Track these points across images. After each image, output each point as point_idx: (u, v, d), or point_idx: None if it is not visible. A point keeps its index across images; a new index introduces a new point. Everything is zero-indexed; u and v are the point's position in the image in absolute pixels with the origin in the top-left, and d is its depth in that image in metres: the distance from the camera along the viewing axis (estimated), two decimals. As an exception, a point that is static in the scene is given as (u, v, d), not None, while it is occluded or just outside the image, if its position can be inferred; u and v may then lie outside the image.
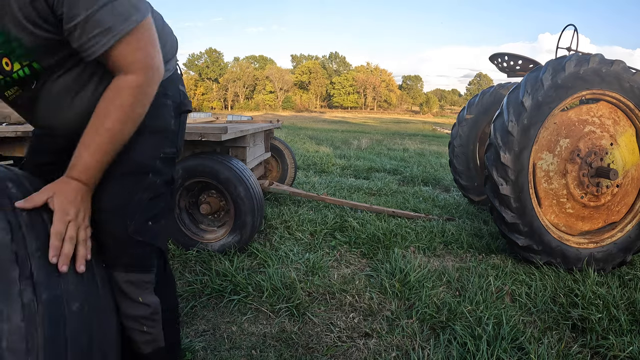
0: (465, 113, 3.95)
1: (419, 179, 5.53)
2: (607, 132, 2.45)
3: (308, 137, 13.12)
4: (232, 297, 1.98)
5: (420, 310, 1.89)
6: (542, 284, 2.21)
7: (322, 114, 60.22)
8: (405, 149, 10.34)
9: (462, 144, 3.90)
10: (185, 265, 2.34)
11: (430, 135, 18.68)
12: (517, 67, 3.50)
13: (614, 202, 2.52)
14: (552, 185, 2.44)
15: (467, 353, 1.58)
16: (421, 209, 3.74)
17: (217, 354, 1.59)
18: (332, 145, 10.25)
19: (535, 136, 2.32)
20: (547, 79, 2.29)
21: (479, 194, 3.91)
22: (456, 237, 2.93)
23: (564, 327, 1.85)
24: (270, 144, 4.08)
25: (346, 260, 2.53)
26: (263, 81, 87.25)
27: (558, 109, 2.35)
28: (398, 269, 2.26)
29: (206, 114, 11.66)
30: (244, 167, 2.51)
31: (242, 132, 2.71)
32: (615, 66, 2.35)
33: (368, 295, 2.05)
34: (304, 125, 24.34)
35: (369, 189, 4.69)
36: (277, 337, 1.71)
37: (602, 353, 1.66)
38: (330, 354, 1.62)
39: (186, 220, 2.56)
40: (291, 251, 2.55)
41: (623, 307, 1.94)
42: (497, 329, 1.71)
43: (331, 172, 6.00)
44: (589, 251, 2.43)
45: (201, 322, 1.82)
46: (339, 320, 1.84)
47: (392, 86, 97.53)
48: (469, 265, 2.47)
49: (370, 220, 3.18)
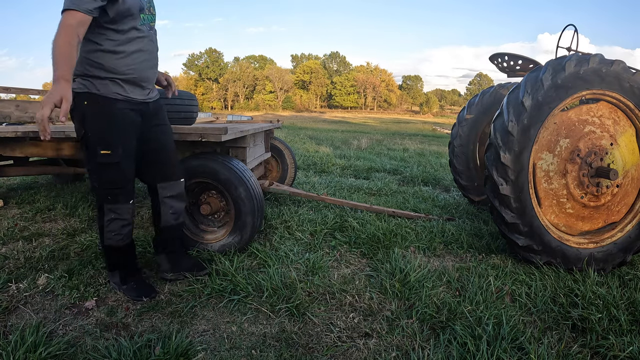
0: (465, 113, 3.95)
1: (419, 179, 5.53)
2: (607, 132, 2.45)
3: (308, 137, 13.13)
4: (232, 297, 1.98)
5: (420, 310, 1.89)
6: (542, 284, 2.21)
7: (322, 114, 60.20)
8: (405, 149, 10.34)
9: (462, 144, 3.90)
10: (185, 265, 2.34)
11: (430, 135, 18.67)
12: (517, 67, 3.50)
13: (614, 202, 2.52)
14: (552, 185, 2.44)
15: (467, 353, 1.58)
16: (421, 209, 3.74)
17: (217, 354, 1.59)
18: (332, 145, 10.26)
19: (535, 136, 2.32)
20: (547, 79, 2.29)
21: (479, 194, 3.91)
22: (456, 237, 2.93)
23: (564, 327, 1.85)
24: (270, 144, 4.08)
25: (346, 260, 2.53)
26: (263, 81, 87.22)
27: (558, 109, 2.35)
28: (398, 269, 2.26)
29: (206, 114, 11.65)
30: (244, 168, 2.51)
31: (242, 133, 2.71)
32: (615, 66, 2.35)
33: (368, 295, 2.05)
34: (304, 125, 24.33)
35: (369, 189, 4.70)
36: (277, 337, 1.71)
37: (602, 353, 1.65)
38: (330, 354, 1.62)
39: (186, 220, 2.56)
40: (291, 251, 2.55)
41: (623, 307, 1.93)
42: (497, 329, 1.71)
43: (331, 172, 6.00)
44: (589, 251, 2.43)
45: (201, 322, 1.82)
46: (339, 320, 1.84)
47: (392, 86, 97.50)
48: (469, 265, 2.48)
49: (370, 220, 3.18)
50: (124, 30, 1.81)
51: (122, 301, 1.96)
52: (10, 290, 2.01)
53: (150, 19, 1.95)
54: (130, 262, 2.08)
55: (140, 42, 1.89)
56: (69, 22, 1.64)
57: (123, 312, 1.86)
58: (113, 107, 1.85)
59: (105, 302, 1.96)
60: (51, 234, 2.86)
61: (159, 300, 1.97)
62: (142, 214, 3.34)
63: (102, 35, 1.79)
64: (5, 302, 1.88)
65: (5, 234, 2.79)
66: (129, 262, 2.08)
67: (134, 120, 1.94)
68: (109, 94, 1.83)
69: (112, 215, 1.94)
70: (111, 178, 1.90)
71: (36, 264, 2.31)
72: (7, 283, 2.06)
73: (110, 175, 1.89)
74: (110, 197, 1.92)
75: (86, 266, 2.27)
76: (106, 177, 1.90)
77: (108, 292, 2.04)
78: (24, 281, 2.09)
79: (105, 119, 1.84)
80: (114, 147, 1.85)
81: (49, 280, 2.10)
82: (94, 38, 1.79)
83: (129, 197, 1.97)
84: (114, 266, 2.04)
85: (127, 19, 1.81)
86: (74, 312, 1.85)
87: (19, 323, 1.72)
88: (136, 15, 1.84)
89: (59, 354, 1.51)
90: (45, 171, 4.02)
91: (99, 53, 1.79)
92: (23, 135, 2.95)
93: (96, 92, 1.81)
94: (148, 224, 3.09)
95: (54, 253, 2.46)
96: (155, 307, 1.91)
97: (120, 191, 1.93)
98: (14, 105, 4.57)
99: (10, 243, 2.65)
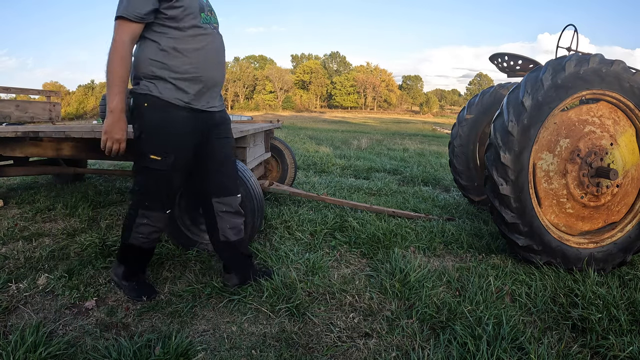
0: (465, 113, 3.95)
1: (419, 179, 5.53)
2: (607, 132, 2.45)
3: (308, 137, 13.13)
4: (232, 297, 1.98)
5: (420, 310, 1.89)
6: (542, 284, 2.21)
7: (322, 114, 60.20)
8: (405, 149, 10.34)
9: (462, 144, 3.90)
10: (185, 265, 2.35)
11: (430, 135, 18.68)
12: (517, 67, 3.50)
13: (614, 202, 2.52)
14: (552, 185, 2.44)
15: (467, 353, 1.58)
16: (421, 209, 3.74)
17: (217, 354, 1.59)
18: (332, 145, 10.26)
19: (535, 136, 2.32)
20: (547, 79, 2.29)
21: (479, 194, 3.91)
22: (456, 237, 2.93)
23: (564, 327, 1.85)
24: (270, 144, 4.08)
25: (346, 260, 2.53)
26: (263, 81, 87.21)
27: (558, 109, 2.35)
28: (398, 269, 2.26)
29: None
30: (244, 168, 2.51)
31: (242, 133, 2.71)
32: (615, 66, 2.35)
33: (368, 295, 2.05)
34: (304, 125, 24.33)
35: (369, 189, 4.69)
36: (277, 337, 1.71)
37: (602, 353, 1.65)
38: (330, 354, 1.62)
39: (186, 220, 2.56)
40: (291, 251, 2.54)
41: (623, 307, 1.93)
42: (497, 329, 1.71)
43: (331, 172, 6.00)
44: (589, 251, 2.42)
45: (201, 322, 1.82)
46: (339, 320, 1.84)
47: (392, 86, 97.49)
48: (469, 265, 2.47)
49: (370, 220, 3.18)
50: (185, 28, 1.77)
51: (122, 301, 1.96)
52: (10, 290, 2.01)
53: (213, 20, 1.92)
54: (143, 264, 2.05)
55: (203, 39, 1.83)
56: (122, 39, 1.67)
57: (123, 312, 1.86)
58: (173, 113, 1.78)
59: (105, 302, 1.96)
60: (51, 234, 2.86)
61: (159, 300, 1.97)
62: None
63: (163, 34, 1.75)
64: (5, 302, 1.88)
65: (5, 234, 2.79)
66: (142, 263, 2.05)
67: (194, 131, 1.85)
68: (171, 99, 1.77)
69: (144, 221, 1.88)
70: (155, 185, 1.84)
71: (36, 264, 2.31)
72: (7, 283, 2.06)
73: (154, 182, 1.84)
74: (148, 203, 1.86)
75: (86, 266, 2.27)
76: (150, 183, 1.84)
77: (108, 292, 2.04)
78: (24, 281, 2.09)
79: (162, 124, 1.78)
80: (165, 154, 1.79)
81: (49, 280, 2.10)
82: (154, 37, 1.76)
83: (167, 206, 1.92)
84: (124, 260, 1.99)
85: (188, 17, 1.77)
86: (74, 312, 1.85)
87: (19, 323, 1.72)
88: (196, 14, 1.80)
89: (59, 354, 1.51)
90: (45, 171, 4.02)
91: (161, 53, 1.75)
92: (23, 135, 2.95)
93: (158, 95, 1.76)
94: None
95: (54, 253, 2.46)
96: (155, 307, 1.91)
97: (160, 200, 1.87)
98: (14, 105, 4.57)
99: (10, 243, 2.65)
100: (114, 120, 1.70)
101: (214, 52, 1.88)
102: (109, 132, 1.71)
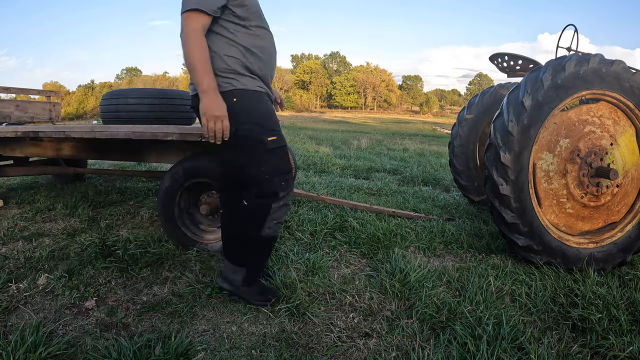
0: (465, 113, 3.95)
1: (419, 179, 5.52)
2: (607, 132, 2.45)
3: (308, 137, 13.12)
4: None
5: (420, 310, 1.89)
6: (542, 284, 2.21)
7: (322, 114, 60.20)
8: (405, 149, 10.34)
9: (462, 144, 3.90)
10: (185, 265, 2.34)
11: (430, 135, 18.67)
12: (517, 67, 3.49)
13: (614, 202, 2.52)
14: (552, 185, 2.44)
15: (467, 353, 1.58)
16: (421, 209, 3.74)
17: (217, 354, 1.59)
18: (332, 145, 10.26)
19: (535, 136, 2.32)
20: (547, 79, 2.29)
21: (479, 194, 3.91)
22: (456, 237, 2.93)
23: (564, 327, 1.85)
24: (270, 144, 4.07)
25: (346, 260, 2.53)
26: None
27: (558, 109, 2.34)
28: (398, 269, 2.26)
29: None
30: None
31: (242, 132, 2.70)
32: (615, 66, 2.35)
33: (368, 295, 2.05)
34: (304, 125, 24.33)
35: (369, 189, 4.69)
36: (277, 337, 1.71)
37: (602, 353, 1.65)
38: (330, 354, 1.62)
39: (186, 220, 2.56)
40: (291, 251, 2.55)
41: (623, 307, 1.93)
42: (497, 329, 1.71)
43: (331, 172, 6.00)
44: (589, 251, 2.42)
45: (201, 322, 1.82)
46: (339, 320, 1.84)
47: (392, 86, 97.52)
48: (469, 265, 2.47)
49: (370, 220, 3.18)
50: (251, 27, 1.80)
51: (122, 301, 1.96)
52: (10, 290, 2.01)
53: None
54: (266, 260, 2.02)
55: (267, 40, 1.88)
56: (195, 27, 1.64)
57: (123, 312, 1.86)
58: (262, 97, 1.85)
59: (105, 302, 1.96)
60: (51, 234, 2.86)
61: (159, 300, 1.97)
62: (141, 214, 3.34)
63: (235, 31, 1.77)
64: (5, 302, 1.88)
65: (5, 234, 2.79)
66: (266, 259, 2.03)
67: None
68: (254, 87, 1.82)
69: (281, 202, 1.87)
70: (282, 163, 1.87)
71: (36, 264, 2.31)
72: (7, 283, 2.06)
73: (280, 160, 1.86)
74: (284, 182, 1.87)
75: (86, 266, 2.27)
76: (277, 163, 1.85)
77: (108, 292, 2.04)
78: (24, 281, 2.09)
79: (261, 109, 1.83)
80: (277, 132, 1.84)
81: (49, 280, 2.10)
82: (224, 33, 1.77)
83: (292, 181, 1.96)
84: (244, 261, 1.90)
85: (253, 16, 1.80)
86: (74, 312, 1.85)
87: (19, 323, 1.72)
88: (260, 14, 1.84)
89: (59, 354, 1.51)
90: (45, 171, 4.02)
91: (234, 48, 1.77)
92: (23, 135, 2.95)
93: (243, 87, 1.78)
94: (148, 224, 3.09)
95: (54, 253, 2.46)
96: (155, 307, 1.91)
97: (289, 176, 1.90)
98: (14, 105, 4.57)
99: (10, 243, 2.65)
100: (210, 99, 1.66)
101: (274, 52, 1.95)
102: (207, 112, 1.65)
